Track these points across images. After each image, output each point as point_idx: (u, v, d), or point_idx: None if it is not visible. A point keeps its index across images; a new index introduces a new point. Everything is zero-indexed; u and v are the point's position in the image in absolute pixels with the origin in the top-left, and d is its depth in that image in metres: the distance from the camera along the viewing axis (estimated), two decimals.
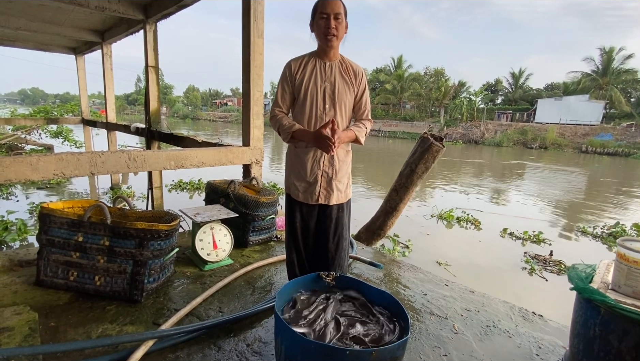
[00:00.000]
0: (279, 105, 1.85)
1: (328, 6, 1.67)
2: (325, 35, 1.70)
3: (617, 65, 34.15)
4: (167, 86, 71.51)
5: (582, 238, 7.18)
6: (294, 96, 1.85)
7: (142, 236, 1.90)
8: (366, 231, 4.05)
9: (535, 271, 5.27)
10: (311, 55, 1.83)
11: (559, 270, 5.35)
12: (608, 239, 6.87)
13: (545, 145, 29.48)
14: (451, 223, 7.65)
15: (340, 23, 1.70)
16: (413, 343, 1.75)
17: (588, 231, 7.32)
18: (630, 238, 1.45)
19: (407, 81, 40.41)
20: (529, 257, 5.77)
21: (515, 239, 6.83)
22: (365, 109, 1.91)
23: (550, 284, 5.03)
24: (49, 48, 8.70)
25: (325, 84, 1.79)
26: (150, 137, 5.62)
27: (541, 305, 4.23)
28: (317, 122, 1.80)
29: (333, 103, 1.80)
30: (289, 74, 1.81)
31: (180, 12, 4.65)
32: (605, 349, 1.34)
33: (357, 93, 1.86)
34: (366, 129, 1.88)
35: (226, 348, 1.62)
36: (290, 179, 1.91)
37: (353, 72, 1.84)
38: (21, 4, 5.13)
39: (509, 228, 7.16)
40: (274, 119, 1.86)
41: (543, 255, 5.81)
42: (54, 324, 1.70)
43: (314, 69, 1.79)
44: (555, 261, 5.62)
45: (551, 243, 6.63)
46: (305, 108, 1.80)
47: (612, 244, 6.71)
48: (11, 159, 2.36)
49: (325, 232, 1.88)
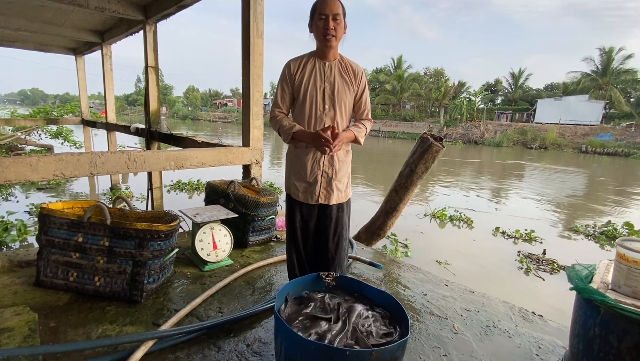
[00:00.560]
0: (278, 105, 1.85)
1: (327, 7, 1.67)
2: (324, 36, 1.70)
3: (616, 65, 34.18)
4: (166, 87, 71.55)
5: (574, 236, 7.24)
6: (293, 96, 1.85)
7: (141, 236, 1.90)
8: (366, 232, 4.05)
9: (531, 271, 5.30)
10: (310, 55, 1.83)
11: (552, 269, 5.38)
12: (600, 238, 6.92)
13: (545, 145, 29.49)
14: (444, 222, 7.74)
15: (338, 24, 1.70)
16: (413, 344, 1.75)
17: (580, 230, 7.39)
18: (629, 238, 1.45)
19: (407, 81, 40.42)
20: (523, 256, 5.82)
21: (507, 237, 6.91)
22: (365, 109, 1.91)
23: (545, 283, 5.06)
24: (48, 49, 8.70)
25: (324, 84, 1.79)
26: (150, 137, 5.62)
27: (537, 303, 4.27)
28: (317, 122, 1.80)
29: (333, 103, 1.80)
30: (288, 74, 1.81)
31: (180, 12, 4.65)
32: (605, 349, 1.34)
33: (356, 93, 1.86)
34: (366, 129, 1.88)
35: (226, 348, 1.62)
36: (290, 179, 1.91)
37: (352, 72, 1.84)
38: (21, 5, 5.14)
39: (501, 226, 7.22)
40: (273, 120, 1.86)
41: (536, 254, 5.86)
42: (53, 324, 1.70)
43: (314, 70, 1.79)
44: (549, 260, 5.67)
45: (542, 241, 6.69)
46: (305, 109, 1.80)
47: (604, 242, 6.78)
48: (11, 159, 2.36)
49: (325, 232, 1.88)
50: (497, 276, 5.28)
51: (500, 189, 12.60)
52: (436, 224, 7.66)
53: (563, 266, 5.43)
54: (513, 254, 6.00)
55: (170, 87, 74.54)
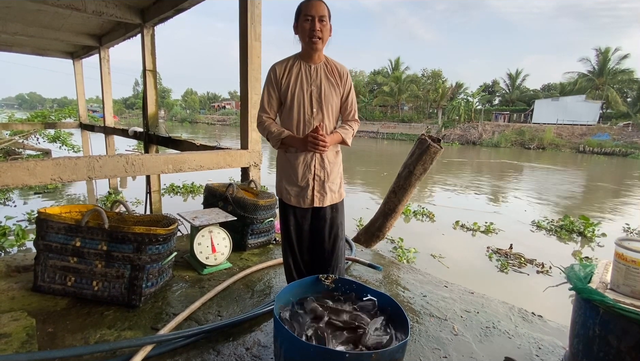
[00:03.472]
0: (265, 111, 1.84)
1: (312, 8, 1.66)
2: (310, 38, 1.68)
3: (613, 65, 34.38)
4: (165, 90, 71.58)
5: (537, 231, 7.55)
6: (280, 100, 1.83)
7: (140, 240, 1.89)
8: (365, 233, 4.04)
9: (507, 268, 5.48)
10: (295, 58, 1.81)
11: (520, 263, 5.61)
12: (561, 233, 7.24)
13: (542, 145, 29.59)
14: (409, 217, 8.07)
15: (324, 25, 1.69)
16: (413, 345, 1.75)
17: (543, 225, 7.69)
18: (628, 238, 1.45)
19: (405, 82, 40.55)
20: (492, 251, 6.07)
21: (466, 230, 7.30)
22: (352, 110, 1.90)
23: (527, 278, 5.23)
24: (46, 53, 8.70)
25: (311, 88, 1.77)
26: (148, 141, 5.62)
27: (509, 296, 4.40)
28: (305, 126, 1.79)
29: (320, 106, 1.79)
30: (274, 78, 1.79)
31: (178, 16, 4.66)
32: (605, 349, 1.34)
33: (342, 94, 1.86)
34: (353, 130, 1.89)
35: (225, 352, 1.62)
36: (281, 183, 1.90)
37: (338, 73, 1.83)
38: (18, 9, 5.13)
39: (460, 220, 7.68)
40: (261, 126, 1.85)
41: (504, 249, 6.10)
42: (51, 330, 1.69)
43: (299, 73, 1.78)
44: (516, 254, 5.89)
45: (498, 232, 7.13)
46: (292, 113, 1.79)
47: (563, 235, 7.15)
48: (8, 164, 2.35)
49: (320, 233, 1.88)
50: (473, 269, 5.49)
51: (472, 186, 13.06)
52: (401, 219, 7.89)
53: (529, 260, 5.71)
54: (482, 248, 6.27)
55: (168, 90, 74.56)
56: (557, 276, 5.13)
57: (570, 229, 7.28)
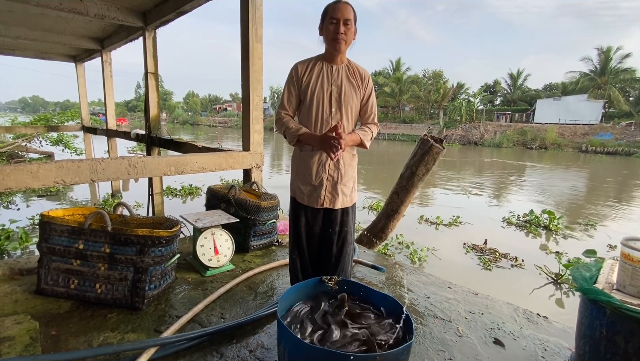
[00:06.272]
0: (285, 107, 1.85)
1: (338, 11, 1.67)
2: (334, 40, 1.70)
3: (615, 64, 34.27)
4: (166, 92, 71.78)
5: (508, 227, 7.79)
6: (300, 98, 1.84)
7: (142, 242, 1.89)
8: (368, 235, 4.03)
9: (490, 265, 5.56)
10: (318, 58, 1.83)
11: (495, 258, 5.80)
12: (530, 228, 7.51)
13: (545, 145, 29.49)
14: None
15: (349, 29, 1.70)
16: (417, 347, 1.74)
17: (512, 221, 7.98)
18: (634, 238, 1.44)
19: (406, 83, 40.55)
20: (468, 247, 6.23)
21: (430, 224, 7.66)
22: (372, 113, 1.90)
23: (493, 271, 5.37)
24: (49, 56, 8.74)
25: (331, 87, 1.79)
26: (150, 143, 5.63)
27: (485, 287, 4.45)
28: (323, 125, 1.79)
29: (339, 106, 1.79)
30: (295, 76, 1.81)
31: (179, 18, 4.67)
32: (612, 350, 1.33)
33: (363, 97, 1.86)
34: (372, 133, 1.88)
35: (229, 354, 1.61)
36: (295, 182, 1.90)
37: (360, 76, 1.84)
38: (21, 13, 5.16)
39: (425, 215, 8.02)
40: (279, 122, 1.86)
41: (480, 245, 6.28)
42: (55, 333, 1.68)
43: (321, 72, 1.79)
44: (490, 249, 6.10)
45: (460, 224, 7.51)
46: (311, 111, 1.80)
47: (531, 230, 7.41)
48: (12, 167, 2.36)
49: (329, 236, 1.87)
50: (455, 264, 5.59)
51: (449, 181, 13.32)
52: (373, 215, 7.87)
53: (503, 254, 5.92)
54: (460, 244, 6.42)
55: (170, 92, 74.78)
56: (532, 270, 5.36)
57: (537, 223, 7.62)
